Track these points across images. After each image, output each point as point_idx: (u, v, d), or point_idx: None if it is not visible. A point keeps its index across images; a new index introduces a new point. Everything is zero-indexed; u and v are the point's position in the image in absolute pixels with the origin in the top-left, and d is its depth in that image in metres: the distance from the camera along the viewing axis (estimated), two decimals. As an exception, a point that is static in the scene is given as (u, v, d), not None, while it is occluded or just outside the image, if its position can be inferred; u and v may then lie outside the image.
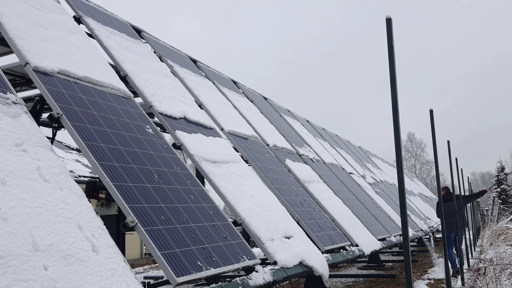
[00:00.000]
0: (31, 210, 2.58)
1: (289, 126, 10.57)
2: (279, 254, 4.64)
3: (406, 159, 58.14)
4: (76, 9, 5.64)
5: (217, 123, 6.63)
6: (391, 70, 3.65)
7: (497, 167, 40.90)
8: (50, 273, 2.33)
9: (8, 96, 3.28)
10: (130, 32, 6.67)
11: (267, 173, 6.51)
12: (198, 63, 8.55)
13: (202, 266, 3.49)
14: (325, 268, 5.24)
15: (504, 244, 11.89)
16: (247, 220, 4.75)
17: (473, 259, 12.03)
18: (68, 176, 3.09)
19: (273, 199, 5.76)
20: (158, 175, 4.08)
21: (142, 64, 5.95)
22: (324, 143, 12.75)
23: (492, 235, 15.35)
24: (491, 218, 24.30)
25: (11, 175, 2.68)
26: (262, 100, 10.61)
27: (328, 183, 8.80)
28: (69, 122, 3.65)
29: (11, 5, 4.37)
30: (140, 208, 3.48)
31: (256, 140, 7.43)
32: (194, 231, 3.80)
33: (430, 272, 9.96)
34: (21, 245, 2.33)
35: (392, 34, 3.60)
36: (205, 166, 5.04)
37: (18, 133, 3.05)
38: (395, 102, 3.60)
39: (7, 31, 3.95)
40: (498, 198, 35.43)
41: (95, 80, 4.50)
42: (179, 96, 6.10)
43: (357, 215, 8.51)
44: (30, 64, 3.84)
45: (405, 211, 3.53)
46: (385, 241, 8.80)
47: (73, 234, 2.69)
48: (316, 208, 7.05)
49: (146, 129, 4.62)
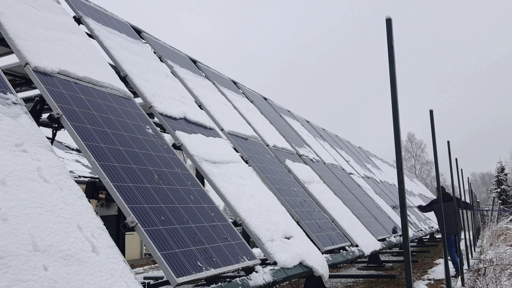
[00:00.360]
0: (31, 210, 2.58)
1: (289, 127, 10.57)
2: (279, 254, 4.64)
3: (406, 160, 58.15)
4: (76, 9, 5.64)
5: (217, 124, 6.63)
6: (391, 70, 3.65)
7: (497, 167, 40.91)
8: (50, 274, 2.33)
9: (8, 97, 3.28)
10: (130, 33, 6.67)
11: (267, 174, 6.51)
12: (198, 63, 8.55)
13: (202, 267, 3.49)
14: (325, 268, 5.24)
15: (504, 244, 11.88)
16: (247, 220, 4.75)
17: (473, 260, 12.03)
18: (68, 177, 3.09)
19: (273, 200, 5.76)
20: (158, 176, 4.08)
21: (142, 65, 5.95)
22: (324, 143, 12.75)
23: (492, 235, 15.34)
24: (491, 219, 24.30)
25: (11, 175, 2.68)
26: (262, 101, 10.62)
27: (328, 184, 8.80)
28: (69, 123, 3.65)
29: (11, 6, 4.37)
30: (140, 209, 3.48)
31: (256, 140, 7.43)
32: (194, 232, 3.80)
33: (430, 273, 9.96)
34: (21, 246, 2.33)
35: (392, 34, 3.61)
36: (205, 166, 5.03)
37: (18, 133, 3.05)
38: (395, 102, 3.60)
39: (7, 32, 3.95)
40: (498, 199, 35.41)
41: (95, 80, 4.50)
42: (179, 97, 6.10)
43: (357, 216, 8.51)
44: (30, 65, 3.84)
45: (405, 211, 3.53)
46: (385, 241, 8.79)
47: (73, 235, 2.69)
48: (316, 209, 7.05)
49: (146, 129, 4.62)
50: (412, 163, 59.43)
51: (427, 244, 17.52)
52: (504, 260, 8.55)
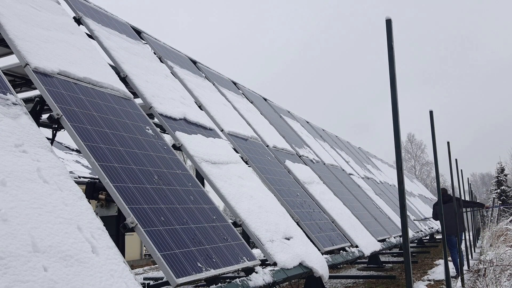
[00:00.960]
0: (31, 211, 2.58)
1: (289, 127, 10.57)
2: (279, 255, 4.64)
3: (406, 160, 58.15)
4: (76, 10, 5.64)
5: (217, 124, 6.63)
6: (391, 71, 3.65)
7: (497, 168, 40.91)
8: (49, 274, 2.33)
9: (8, 97, 3.28)
10: (130, 33, 6.68)
11: (267, 174, 6.51)
12: (198, 64, 8.55)
13: (202, 267, 3.49)
14: (325, 269, 5.23)
15: (504, 245, 11.88)
16: (247, 221, 4.75)
17: (473, 260, 12.03)
18: (68, 177, 3.09)
19: (273, 200, 5.76)
20: (158, 176, 4.08)
21: (142, 65, 5.95)
22: (324, 144, 12.75)
23: (492, 236, 15.34)
24: (491, 219, 24.29)
25: (11, 176, 2.68)
26: (262, 101, 10.62)
27: (328, 184, 8.80)
28: (69, 123, 3.65)
29: (12, 6, 4.37)
30: (140, 209, 3.48)
31: (256, 141, 7.43)
32: (194, 232, 3.80)
33: (430, 273, 9.96)
34: (21, 246, 2.33)
35: (392, 35, 3.60)
36: (205, 167, 5.03)
37: (18, 134, 3.05)
38: (395, 103, 3.60)
39: (7, 32, 3.95)
40: (498, 199, 35.41)
41: (95, 81, 4.50)
42: (179, 97, 6.10)
43: (357, 216, 8.51)
44: (30, 65, 3.84)
45: (405, 212, 3.53)
46: (385, 242, 8.79)
47: (73, 235, 2.69)
48: (316, 209, 7.05)
49: (146, 130, 4.62)
50: (412, 163, 59.46)
51: (427, 245, 17.52)
52: (504, 260, 8.55)
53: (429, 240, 19.38)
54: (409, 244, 3.55)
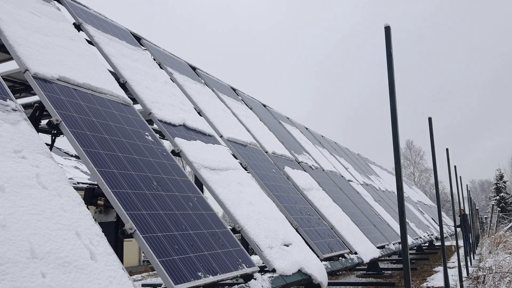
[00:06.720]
0: (29, 217, 2.57)
1: (288, 133, 10.58)
2: (278, 261, 4.62)
3: (405, 167, 58.14)
4: (76, 16, 5.66)
5: (216, 130, 6.63)
6: (389, 78, 3.66)
7: (496, 175, 40.94)
8: (48, 281, 2.32)
9: (7, 103, 3.28)
10: (129, 39, 6.70)
11: (266, 180, 6.51)
12: (198, 70, 8.57)
13: (200, 274, 3.48)
14: (324, 276, 5.22)
15: (503, 252, 11.87)
16: (246, 227, 4.74)
17: (472, 267, 12.00)
18: (67, 183, 3.09)
19: (272, 206, 5.76)
20: (157, 182, 4.08)
21: (141, 71, 5.97)
22: (323, 150, 12.75)
23: (491, 243, 15.33)
24: (490, 226, 24.25)
25: (10, 181, 2.68)
26: (261, 107, 10.63)
27: (327, 191, 8.79)
28: (68, 129, 3.66)
29: (12, 12, 4.39)
30: (139, 215, 3.48)
31: (255, 147, 7.44)
32: (192, 239, 3.79)
33: (429, 280, 9.93)
34: (19, 252, 2.32)
35: (390, 42, 3.62)
36: (204, 173, 5.03)
37: (17, 139, 3.05)
38: (394, 109, 3.61)
39: (7, 38, 3.96)
40: (497, 206, 35.40)
41: (94, 87, 4.51)
42: (178, 103, 6.11)
43: (356, 223, 8.50)
44: (30, 71, 3.85)
45: (404, 218, 3.52)
46: (384, 249, 8.78)
47: (72, 241, 2.68)
48: (315, 216, 7.04)
49: (145, 136, 4.62)
50: (411, 170, 59.45)
51: (426, 252, 17.48)
52: (503, 268, 8.54)
53: (428, 247, 19.34)
54: (408, 251, 3.55)
